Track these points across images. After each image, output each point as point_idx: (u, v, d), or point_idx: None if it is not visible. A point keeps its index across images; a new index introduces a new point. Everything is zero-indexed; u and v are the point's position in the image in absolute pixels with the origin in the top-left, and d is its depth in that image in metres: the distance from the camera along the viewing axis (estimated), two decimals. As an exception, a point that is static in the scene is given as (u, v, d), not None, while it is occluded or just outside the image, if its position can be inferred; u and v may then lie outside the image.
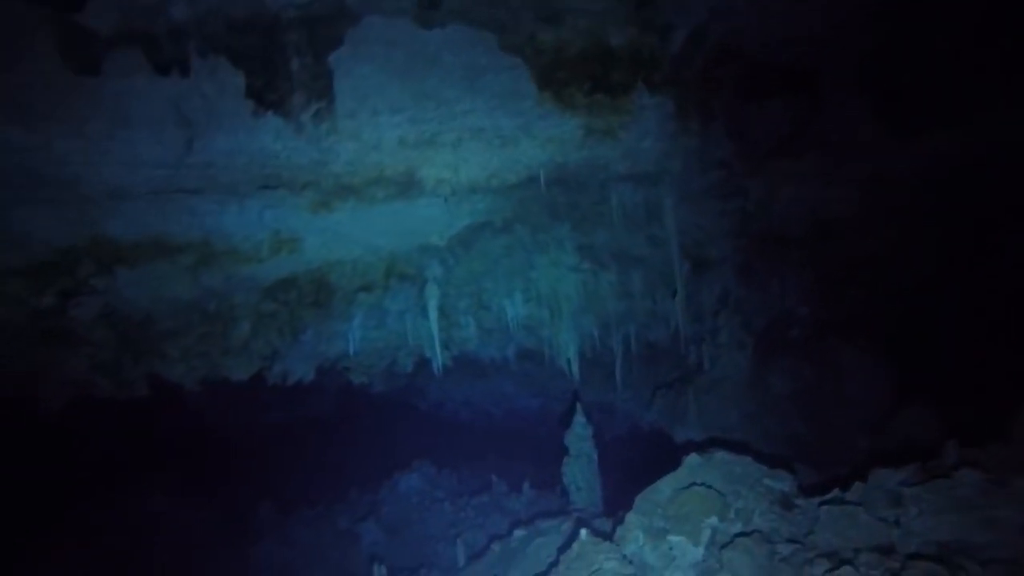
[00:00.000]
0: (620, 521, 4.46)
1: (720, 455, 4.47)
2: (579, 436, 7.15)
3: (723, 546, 3.80)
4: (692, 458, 4.52)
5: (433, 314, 6.93)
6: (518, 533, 6.29)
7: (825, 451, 6.05)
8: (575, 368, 7.56)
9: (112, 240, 5.15)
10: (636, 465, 7.72)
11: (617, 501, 5.95)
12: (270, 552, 8.60)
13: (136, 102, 4.05)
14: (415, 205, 5.58)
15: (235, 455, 11.57)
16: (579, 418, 7.23)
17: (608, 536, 4.36)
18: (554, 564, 4.37)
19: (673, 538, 4.01)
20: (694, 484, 4.27)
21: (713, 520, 4.00)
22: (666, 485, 4.42)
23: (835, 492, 4.02)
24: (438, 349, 7.32)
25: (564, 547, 4.58)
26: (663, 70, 4.67)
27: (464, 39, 4.16)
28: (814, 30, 5.16)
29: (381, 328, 7.59)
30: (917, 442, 4.89)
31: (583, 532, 4.22)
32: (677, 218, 6.18)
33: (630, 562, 3.95)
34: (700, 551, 3.90)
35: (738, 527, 3.95)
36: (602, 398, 9.16)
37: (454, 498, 9.16)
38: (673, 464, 4.64)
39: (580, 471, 7.04)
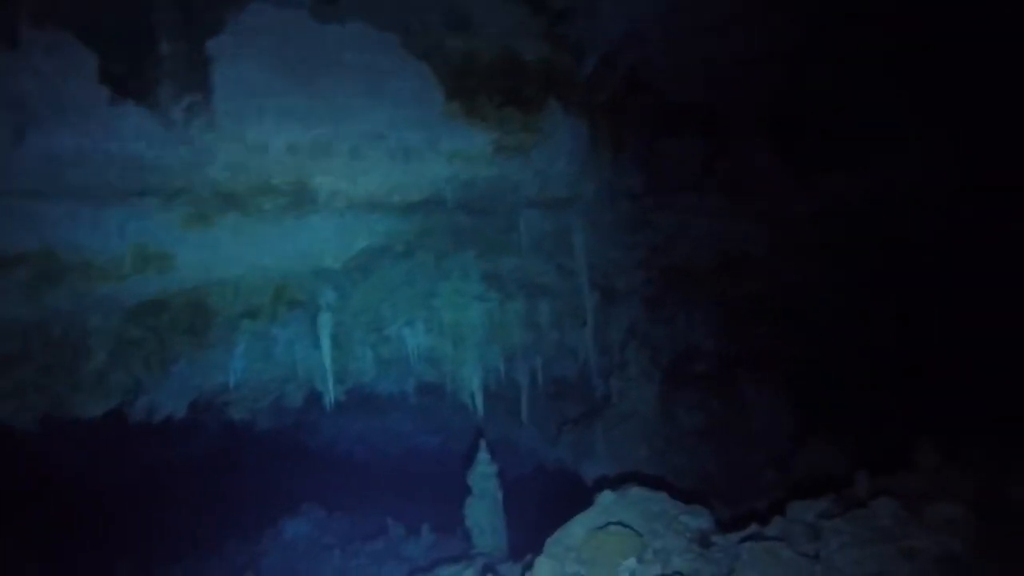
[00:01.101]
0: (529, 566, 4.16)
1: (635, 491, 4.25)
2: (483, 475, 6.82)
3: (642, 593, 3.52)
4: (605, 495, 4.28)
5: (326, 343, 6.35)
6: (415, 584, 5.78)
7: (735, 485, 5.99)
8: (479, 403, 7.18)
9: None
10: (543, 505, 7.42)
11: (524, 544, 5.60)
12: (125, 619, 7.50)
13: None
14: (308, 222, 5.06)
15: (86, 506, 10.12)
16: (483, 456, 6.91)
17: (516, 585, 3.99)
18: (456, 619, 3.93)
19: (587, 585, 3.70)
20: (609, 523, 4.00)
21: (631, 562, 3.74)
22: (579, 525, 4.13)
23: (753, 527, 3.86)
24: (331, 382, 6.72)
25: (467, 599, 4.17)
26: (578, 91, 4.53)
27: (366, 39, 3.82)
28: (720, 68, 5.24)
29: (267, 359, 6.88)
30: (823, 474, 4.90)
31: (489, 583, 3.81)
32: (587, 248, 6.04)
33: (541, 615, 3.58)
34: (617, 599, 3.60)
35: (657, 569, 3.69)
36: (507, 434, 8.83)
37: (345, 544, 8.51)
38: (583, 503, 4.38)
39: (484, 512, 6.69)
